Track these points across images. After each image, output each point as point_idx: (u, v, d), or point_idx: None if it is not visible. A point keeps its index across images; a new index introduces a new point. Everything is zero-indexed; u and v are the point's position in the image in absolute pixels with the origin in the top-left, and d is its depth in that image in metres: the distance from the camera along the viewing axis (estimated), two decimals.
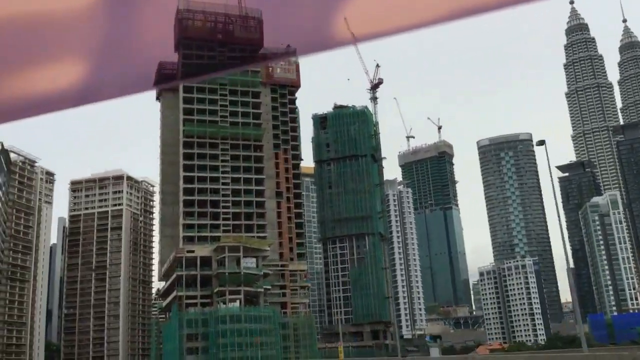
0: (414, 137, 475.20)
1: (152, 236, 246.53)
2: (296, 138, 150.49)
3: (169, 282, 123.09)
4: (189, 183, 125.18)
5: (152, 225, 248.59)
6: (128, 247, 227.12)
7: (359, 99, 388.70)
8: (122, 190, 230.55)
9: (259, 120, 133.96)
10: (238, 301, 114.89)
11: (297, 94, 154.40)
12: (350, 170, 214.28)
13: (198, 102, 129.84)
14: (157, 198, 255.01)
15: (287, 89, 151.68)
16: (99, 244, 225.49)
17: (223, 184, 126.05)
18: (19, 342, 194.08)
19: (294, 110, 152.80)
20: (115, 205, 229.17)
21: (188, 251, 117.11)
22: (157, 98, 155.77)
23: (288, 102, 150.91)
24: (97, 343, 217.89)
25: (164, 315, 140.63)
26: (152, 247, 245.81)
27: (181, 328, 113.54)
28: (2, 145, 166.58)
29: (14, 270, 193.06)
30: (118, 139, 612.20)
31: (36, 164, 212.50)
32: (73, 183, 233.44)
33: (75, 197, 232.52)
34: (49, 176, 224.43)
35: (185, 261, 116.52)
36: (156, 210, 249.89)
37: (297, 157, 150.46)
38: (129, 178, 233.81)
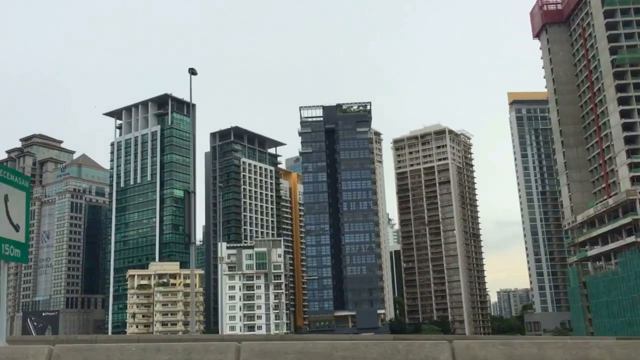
0: None
1: (474, 189, 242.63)
2: None
3: (607, 228, 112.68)
4: (628, 118, 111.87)
5: (474, 177, 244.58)
6: (457, 201, 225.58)
7: None
8: (446, 145, 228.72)
9: None
10: None
11: None
12: None
13: (624, 26, 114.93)
14: (474, 150, 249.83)
15: None
16: (429, 198, 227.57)
17: None
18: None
19: None
20: (440, 159, 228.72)
21: None
22: (536, 36, 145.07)
23: None
24: (439, 295, 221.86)
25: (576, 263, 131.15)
26: (476, 200, 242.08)
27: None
28: (370, 104, 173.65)
29: None
30: (424, 92, 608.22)
31: None
32: (395, 141, 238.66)
33: (399, 155, 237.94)
34: (377, 136, 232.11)
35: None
36: (475, 162, 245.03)
37: None
38: (450, 131, 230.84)
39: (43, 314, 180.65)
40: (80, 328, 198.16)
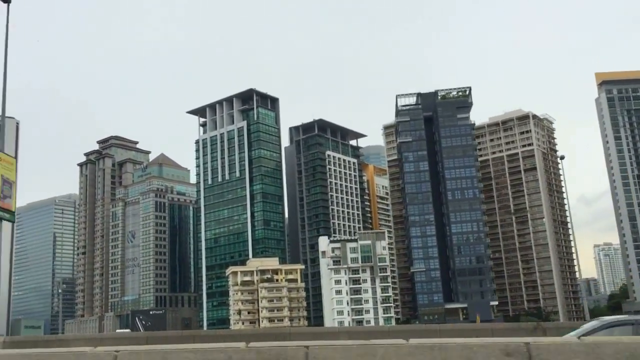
0: None
1: (559, 175, 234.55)
2: None
3: None
4: None
5: (558, 163, 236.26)
6: (545, 188, 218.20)
7: None
8: (529, 130, 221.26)
9: None
10: None
11: None
12: None
13: None
14: (557, 135, 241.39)
15: None
16: (514, 187, 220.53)
17: None
18: None
19: None
20: (524, 146, 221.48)
21: None
22: None
23: None
24: (529, 286, 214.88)
25: None
26: (562, 187, 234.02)
27: None
28: (470, 89, 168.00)
29: None
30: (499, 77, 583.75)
31: None
32: (475, 129, 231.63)
33: (479, 142, 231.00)
34: None
35: None
36: (559, 148, 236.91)
37: None
38: (534, 116, 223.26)
39: (150, 312, 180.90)
40: (170, 327, 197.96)
